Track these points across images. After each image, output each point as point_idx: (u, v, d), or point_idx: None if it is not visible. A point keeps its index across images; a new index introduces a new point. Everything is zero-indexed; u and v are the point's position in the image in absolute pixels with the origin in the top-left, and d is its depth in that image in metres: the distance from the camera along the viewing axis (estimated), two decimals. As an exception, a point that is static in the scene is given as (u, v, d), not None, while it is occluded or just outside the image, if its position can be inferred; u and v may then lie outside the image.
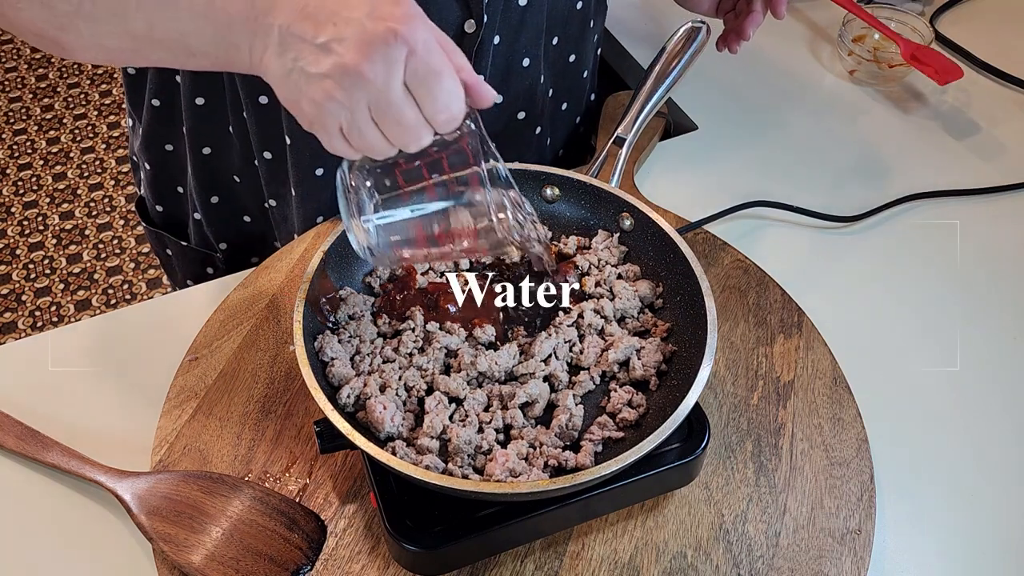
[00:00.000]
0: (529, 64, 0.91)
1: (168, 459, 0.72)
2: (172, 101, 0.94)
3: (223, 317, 0.82)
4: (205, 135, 0.94)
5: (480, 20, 0.83)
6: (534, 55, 0.91)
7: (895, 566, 0.70)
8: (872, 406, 0.78)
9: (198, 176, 0.98)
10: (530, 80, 0.93)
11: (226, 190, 0.99)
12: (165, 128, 0.97)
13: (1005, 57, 1.15)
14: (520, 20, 0.87)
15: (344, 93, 0.57)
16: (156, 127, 0.98)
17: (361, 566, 0.67)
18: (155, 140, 0.99)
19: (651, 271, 0.78)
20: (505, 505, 0.64)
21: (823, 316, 0.83)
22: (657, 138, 1.03)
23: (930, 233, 0.95)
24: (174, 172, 1.02)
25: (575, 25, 0.95)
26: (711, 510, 0.70)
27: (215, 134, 0.94)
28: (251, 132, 0.90)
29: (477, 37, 0.84)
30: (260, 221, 1.01)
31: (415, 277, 0.77)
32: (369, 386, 0.68)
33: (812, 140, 1.06)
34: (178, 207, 1.06)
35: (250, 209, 1.00)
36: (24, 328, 2.25)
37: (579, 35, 0.97)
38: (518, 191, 0.68)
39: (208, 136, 0.94)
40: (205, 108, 0.91)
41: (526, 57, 0.91)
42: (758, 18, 0.93)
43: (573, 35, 0.96)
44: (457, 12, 0.82)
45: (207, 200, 1.00)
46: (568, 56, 0.97)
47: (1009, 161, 1.04)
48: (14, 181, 2.60)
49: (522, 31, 0.88)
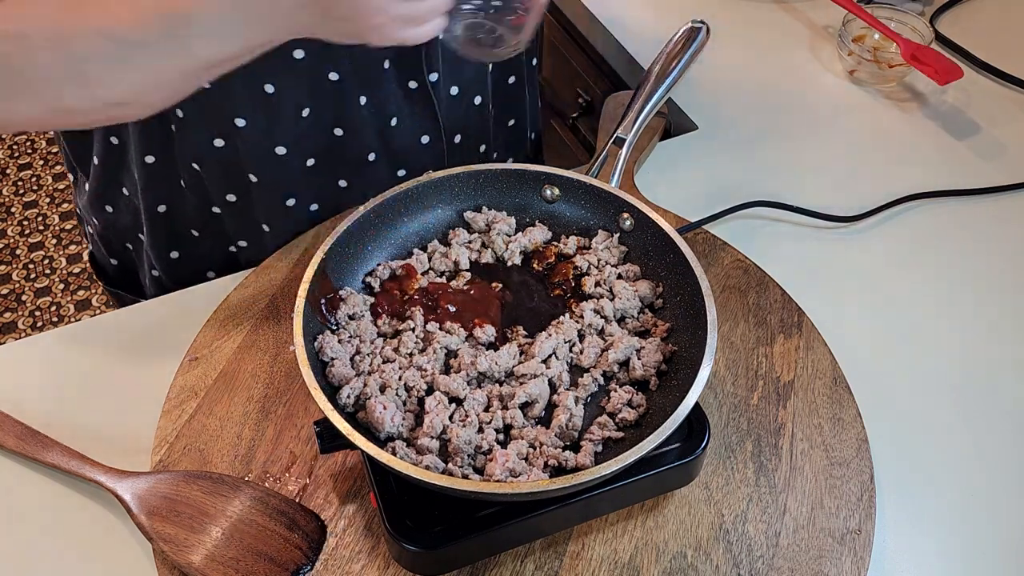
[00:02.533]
0: None
1: (168, 459, 0.72)
2: (120, 160, 0.91)
3: (223, 317, 0.82)
4: (159, 192, 0.91)
5: None
6: None
7: (895, 566, 0.70)
8: (872, 406, 0.78)
9: (154, 233, 0.95)
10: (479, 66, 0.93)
11: (187, 243, 0.96)
12: (112, 186, 0.94)
13: (1005, 57, 1.15)
14: None
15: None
16: (104, 184, 0.95)
17: (361, 566, 0.67)
18: (103, 198, 0.96)
19: (651, 271, 0.78)
20: (505, 505, 0.64)
21: (823, 316, 0.83)
22: (657, 138, 1.03)
23: (930, 233, 0.95)
24: (124, 230, 0.99)
25: None
26: (711, 510, 0.70)
27: (169, 190, 0.91)
28: (208, 181, 0.88)
29: None
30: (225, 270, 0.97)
31: (415, 277, 0.77)
32: (369, 386, 0.68)
33: (812, 140, 1.06)
34: (131, 263, 1.03)
35: (215, 259, 0.97)
36: (24, 328, 2.26)
37: None
38: None
39: (162, 193, 0.91)
40: (156, 165, 0.88)
41: None
42: None
43: None
44: None
45: (166, 256, 0.97)
46: None
47: (1009, 161, 1.04)
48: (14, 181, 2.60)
49: None
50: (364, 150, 0.90)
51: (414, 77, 0.87)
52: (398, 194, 0.77)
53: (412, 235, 0.80)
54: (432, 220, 0.81)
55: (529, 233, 0.80)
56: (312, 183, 0.90)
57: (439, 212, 0.81)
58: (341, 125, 0.87)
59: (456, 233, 0.80)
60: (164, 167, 0.88)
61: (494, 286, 0.78)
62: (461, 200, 0.81)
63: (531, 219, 0.82)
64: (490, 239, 0.80)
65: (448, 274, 0.79)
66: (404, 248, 0.80)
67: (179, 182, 0.90)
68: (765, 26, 1.23)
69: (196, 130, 0.84)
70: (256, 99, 0.81)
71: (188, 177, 0.89)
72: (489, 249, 0.80)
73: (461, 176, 0.80)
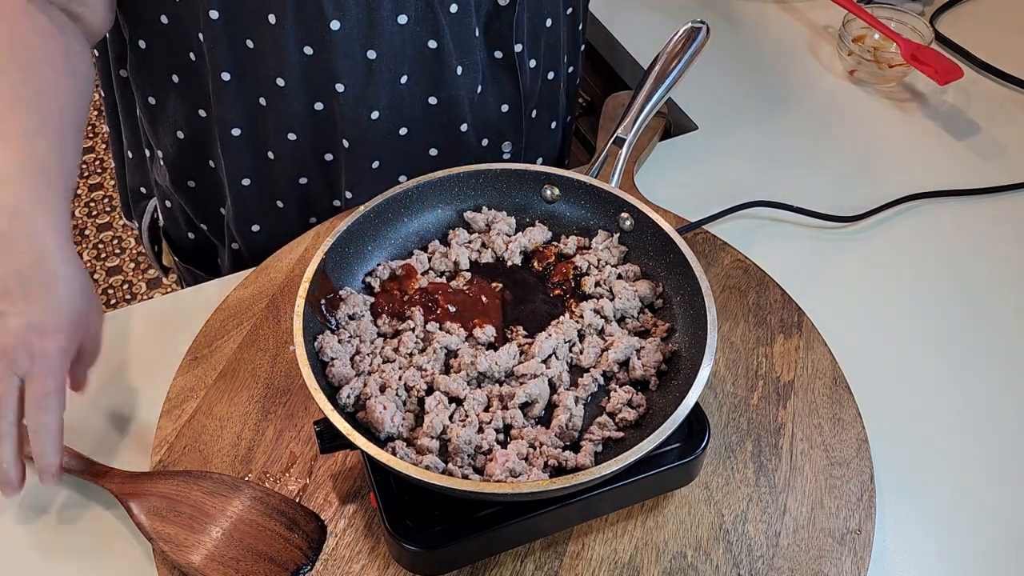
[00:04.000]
0: (551, 24, 0.94)
1: (168, 459, 0.72)
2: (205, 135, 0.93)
3: (223, 317, 0.82)
4: (244, 165, 0.93)
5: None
6: (554, 14, 0.94)
7: (895, 566, 0.70)
8: (872, 406, 0.78)
9: (238, 206, 0.96)
10: (554, 38, 0.96)
11: (271, 215, 0.97)
12: (198, 161, 0.97)
13: (1005, 57, 1.15)
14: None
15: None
16: (189, 159, 0.97)
17: (361, 566, 0.67)
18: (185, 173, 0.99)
19: (651, 271, 0.78)
20: (505, 505, 0.64)
21: (823, 316, 0.83)
22: (657, 138, 1.03)
23: (930, 233, 0.95)
24: (204, 204, 1.01)
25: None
26: (711, 510, 0.70)
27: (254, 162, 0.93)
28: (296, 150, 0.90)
29: (513, 8, 0.87)
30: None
31: (415, 277, 0.77)
32: (369, 386, 0.68)
33: (812, 140, 1.06)
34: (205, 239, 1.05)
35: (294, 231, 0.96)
36: (24, 328, 2.25)
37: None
38: None
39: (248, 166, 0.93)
40: (243, 137, 0.90)
41: (548, 17, 0.93)
42: None
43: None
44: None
45: (246, 230, 0.98)
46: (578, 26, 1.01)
47: (1009, 161, 1.04)
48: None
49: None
50: (456, 121, 0.92)
51: (501, 47, 0.90)
52: (398, 194, 0.77)
53: (412, 235, 0.80)
54: (432, 220, 0.81)
55: (529, 233, 0.80)
56: (402, 151, 0.92)
57: (439, 212, 0.81)
58: (436, 94, 0.89)
59: (456, 233, 0.80)
60: (252, 140, 0.91)
61: (494, 286, 0.78)
62: (461, 200, 0.81)
63: (531, 219, 0.82)
64: (490, 239, 0.80)
65: (448, 274, 0.79)
66: (404, 248, 0.80)
67: (266, 154, 0.92)
68: (765, 26, 1.23)
69: (296, 98, 0.86)
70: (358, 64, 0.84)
71: (277, 147, 0.90)
72: (489, 249, 0.80)
73: (461, 176, 0.80)
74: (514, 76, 0.93)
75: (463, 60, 0.88)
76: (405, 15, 0.82)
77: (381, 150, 0.91)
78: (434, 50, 0.86)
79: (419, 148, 0.93)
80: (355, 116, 0.87)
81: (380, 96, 0.86)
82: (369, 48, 0.83)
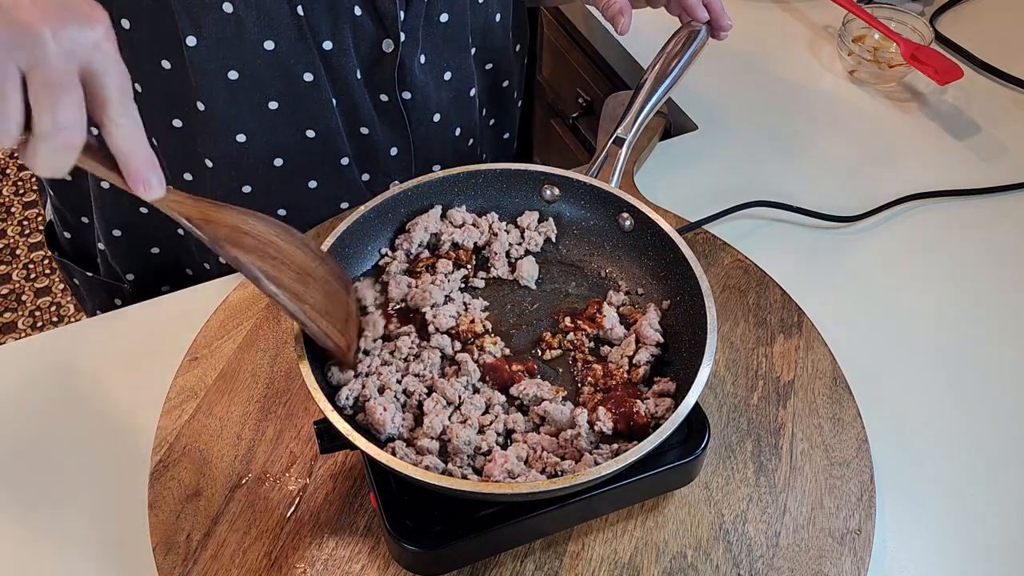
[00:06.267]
0: (451, 76, 0.93)
1: (168, 459, 0.72)
2: None
3: (223, 317, 0.82)
4: None
5: (397, 39, 0.85)
6: (455, 67, 0.93)
7: (895, 566, 0.70)
8: (872, 406, 0.78)
9: (101, 208, 0.96)
10: (455, 91, 0.94)
11: (132, 223, 0.96)
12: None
13: (1005, 57, 1.15)
14: (442, 36, 0.89)
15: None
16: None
17: (361, 566, 0.67)
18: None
19: (651, 271, 0.78)
20: (505, 505, 0.64)
21: (823, 316, 0.83)
22: (657, 138, 1.03)
23: (930, 233, 0.95)
24: (76, 202, 1.00)
25: (496, 37, 0.97)
26: (711, 510, 0.70)
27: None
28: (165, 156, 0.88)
29: (396, 56, 0.86)
30: (168, 250, 0.98)
31: None
32: (368, 388, 0.68)
33: (812, 140, 1.06)
34: (84, 237, 1.04)
35: (158, 238, 0.97)
36: (24, 328, 2.26)
37: (501, 47, 0.98)
38: None
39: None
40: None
41: (447, 71, 0.92)
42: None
43: (494, 46, 0.97)
44: (373, 31, 0.84)
45: (109, 233, 0.97)
46: (486, 64, 0.98)
47: (1009, 161, 1.04)
48: (14, 181, 2.60)
49: (445, 47, 0.90)
50: (336, 155, 0.90)
51: (386, 92, 0.89)
52: (398, 194, 0.77)
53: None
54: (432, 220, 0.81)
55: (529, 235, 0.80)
56: (278, 180, 0.90)
57: (439, 212, 0.81)
58: (314, 127, 0.87)
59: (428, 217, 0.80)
60: None
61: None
62: (461, 200, 0.81)
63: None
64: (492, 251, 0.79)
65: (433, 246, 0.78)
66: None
67: None
68: (765, 26, 1.23)
69: (157, 108, 0.84)
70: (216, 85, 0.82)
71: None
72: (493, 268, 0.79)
73: (461, 176, 0.80)
74: (402, 121, 0.91)
75: (342, 98, 0.87)
76: (273, 41, 0.80)
77: (250, 175, 0.89)
78: (310, 83, 0.84)
79: (298, 179, 0.91)
80: (216, 137, 0.85)
81: (246, 120, 0.84)
82: (230, 69, 0.81)
